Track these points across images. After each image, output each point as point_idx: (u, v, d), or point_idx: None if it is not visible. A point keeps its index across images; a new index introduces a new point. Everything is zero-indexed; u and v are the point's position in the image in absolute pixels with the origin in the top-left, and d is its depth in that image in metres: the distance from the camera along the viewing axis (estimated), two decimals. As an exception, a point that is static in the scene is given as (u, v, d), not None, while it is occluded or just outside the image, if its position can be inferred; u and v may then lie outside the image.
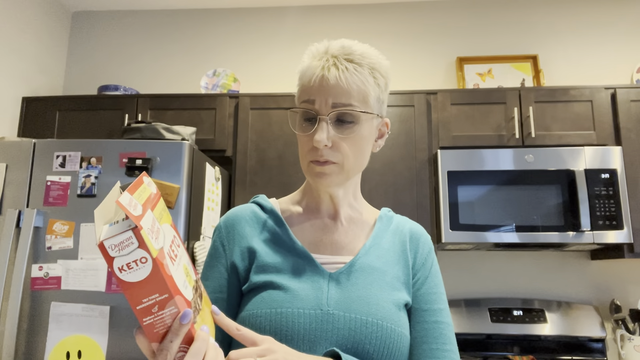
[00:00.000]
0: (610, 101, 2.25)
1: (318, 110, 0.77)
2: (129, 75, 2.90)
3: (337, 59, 0.77)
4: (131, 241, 0.51)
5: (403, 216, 0.93)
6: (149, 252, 0.52)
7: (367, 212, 0.90)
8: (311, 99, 0.77)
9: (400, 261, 0.84)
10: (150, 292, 0.52)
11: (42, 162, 1.84)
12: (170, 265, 0.55)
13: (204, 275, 0.84)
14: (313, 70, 0.77)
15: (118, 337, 1.68)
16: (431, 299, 0.82)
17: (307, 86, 0.78)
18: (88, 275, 1.72)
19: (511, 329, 2.26)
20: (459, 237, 2.10)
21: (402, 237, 0.87)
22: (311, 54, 0.81)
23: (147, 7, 2.96)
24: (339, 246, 0.83)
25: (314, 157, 0.78)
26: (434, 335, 0.79)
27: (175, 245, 0.60)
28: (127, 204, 0.51)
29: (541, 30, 2.74)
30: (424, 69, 2.76)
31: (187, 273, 0.60)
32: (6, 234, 1.74)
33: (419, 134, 2.29)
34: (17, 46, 2.53)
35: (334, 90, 0.76)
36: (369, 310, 0.74)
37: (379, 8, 2.85)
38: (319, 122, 0.77)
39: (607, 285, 2.41)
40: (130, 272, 0.51)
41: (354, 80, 0.76)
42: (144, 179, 0.61)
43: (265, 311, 0.74)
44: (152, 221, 0.55)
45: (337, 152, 0.78)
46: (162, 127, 2.03)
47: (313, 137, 0.77)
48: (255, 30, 2.90)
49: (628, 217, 2.07)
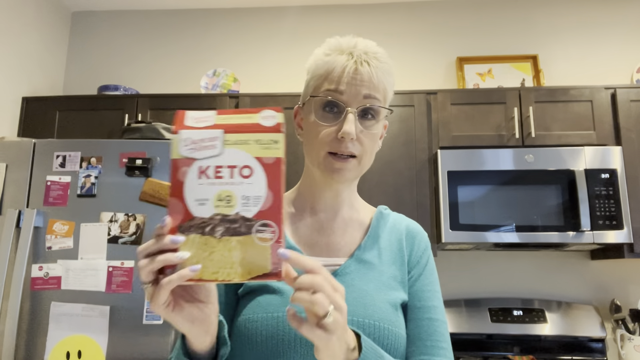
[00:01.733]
0: (610, 101, 2.25)
1: (346, 101, 0.77)
2: (129, 75, 2.90)
3: (368, 55, 0.79)
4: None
5: (400, 214, 0.92)
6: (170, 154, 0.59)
7: (364, 210, 0.90)
8: (340, 89, 0.77)
9: (397, 260, 0.83)
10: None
11: (42, 162, 1.84)
12: (192, 176, 0.59)
13: None
14: (343, 62, 0.77)
15: (118, 337, 1.68)
16: (425, 296, 0.82)
17: (334, 76, 0.77)
18: (88, 275, 1.72)
19: (511, 329, 2.26)
20: (459, 237, 2.10)
21: (399, 235, 0.86)
22: (332, 47, 0.80)
23: (147, 7, 2.96)
24: (334, 247, 0.82)
25: (335, 149, 0.77)
26: (428, 332, 0.79)
27: (234, 172, 0.60)
28: (189, 116, 0.61)
29: (541, 30, 2.74)
30: (424, 69, 2.76)
31: (227, 202, 0.59)
32: (6, 234, 1.74)
33: (419, 134, 2.29)
34: (17, 46, 2.53)
35: (367, 84, 0.77)
36: (366, 312, 0.74)
37: (378, 8, 2.85)
38: (347, 113, 0.76)
39: (607, 285, 2.41)
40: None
41: (382, 79, 0.79)
42: (267, 113, 0.62)
43: (261, 316, 0.73)
44: (204, 136, 0.60)
45: (360, 146, 0.78)
46: (162, 127, 2.03)
47: (338, 128, 0.76)
48: (255, 30, 2.90)
49: (628, 217, 2.07)
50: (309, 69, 0.84)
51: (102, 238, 1.75)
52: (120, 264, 1.72)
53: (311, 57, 0.84)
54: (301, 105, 0.85)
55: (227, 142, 0.60)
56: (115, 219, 1.76)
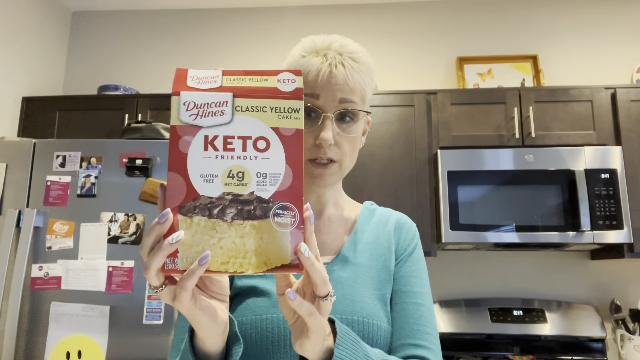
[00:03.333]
0: (610, 101, 2.25)
1: (322, 106, 0.75)
2: (129, 75, 2.90)
3: (342, 57, 0.76)
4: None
5: (387, 208, 0.91)
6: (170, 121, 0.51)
7: (350, 207, 0.89)
8: (315, 94, 0.75)
9: (385, 254, 0.82)
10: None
11: (42, 162, 1.84)
12: (196, 147, 0.51)
13: None
14: (318, 65, 0.75)
15: (118, 337, 1.68)
16: (411, 282, 0.81)
17: (309, 81, 0.75)
18: (88, 275, 1.72)
19: (511, 329, 2.25)
20: (459, 237, 2.10)
21: (387, 228, 0.85)
22: (307, 48, 0.78)
23: (147, 7, 2.96)
24: (321, 247, 0.81)
25: (314, 155, 0.75)
26: (414, 315, 0.77)
27: (248, 144, 0.52)
28: (191, 74, 0.52)
29: (541, 30, 2.74)
30: (424, 69, 2.76)
31: (239, 180, 0.51)
32: (6, 234, 1.74)
33: (419, 134, 2.29)
34: (17, 46, 2.53)
35: (341, 87, 0.75)
36: (354, 309, 0.74)
37: (378, 8, 2.85)
38: (324, 119, 0.75)
39: (607, 285, 2.41)
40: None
41: (358, 79, 0.76)
42: (286, 76, 0.54)
43: (250, 318, 0.72)
44: (210, 99, 0.52)
45: (338, 150, 0.77)
46: (162, 127, 2.03)
47: (315, 134, 0.75)
48: (255, 30, 2.90)
49: (628, 217, 2.07)
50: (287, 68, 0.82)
51: (102, 238, 1.75)
52: (120, 264, 1.72)
53: (287, 57, 0.82)
54: None
55: (239, 108, 0.52)
56: (115, 219, 1.76)
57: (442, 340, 2.29)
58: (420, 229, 2.19)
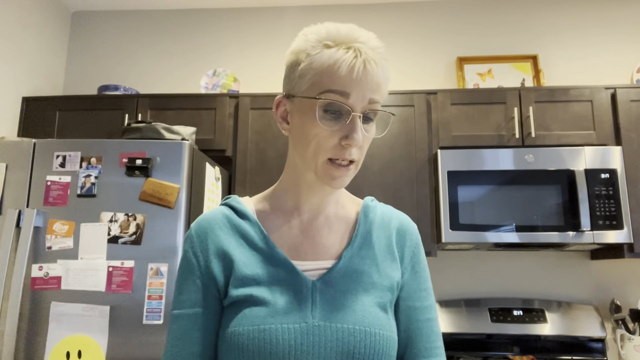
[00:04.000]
0: (610, 101, 2.25)
1: (353, 105, 0.71)
2: (129, 75, 2.90)
3: (375, 52, 0.72)
4: None
5: (387, 205, 0.87)
6: None
7: (350, 205, 0.85)
8: (346, 92, 0.70)
9: (387, 257, 0.80)
10: None
11: (42, 162, 1.84)
12: None
13: (178, 289, 0.78)
14: (350, 61, 0.70)
15: (118, 337, 1.68)
16: (422, 296, 0.80)
17: (340, 76, 0.70)
18: (88, 275, 1.72)
19: (511, 329, 2.26)
20: (459, 237, 2.10)
21: (388, 232, 0.82)
22: (334, 38, 0.72)
23: (147, 7, 2.96)
24: (321, 249, 0.78)
25: (338, 155, 0.72)
26: (427, 333, 0.78)
27: None
28: None
29: (541, 30, 2.74)
30: (424, 69, 2.76)
31: None
32: (6, 234, 1.74)
33: (419, 134, 2.29)
34: (17, 46, 2.53)
35: (372, 87, 0.71)
36: (356, 318, 0.71)
37: (379, 8, 2.85)
38: (353, 118, 0.71)
39: (607, 285, 2.41)
40: None
41: (385, 78, 0.73)
42: None
43: (247, 329, 0.70)
44: None
45: (359, 151, 0.74)
46: (162, 127, 2.03)
47: (343, 134, 0.71)
48: (255, 30, 2.90)
49: (628, 217, 2.07)
50: (299, 54, 0.75)
51: (102, 238, 1.75)
52: (120, 264, 1.72)
53: (302, 38, 0.76)
54: (288, 97, 0.77)
55: None
56: (115, 219, 1.76)
57: (442, 340, 2.29)
58: (420, 229, 2.19)
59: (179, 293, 0.77)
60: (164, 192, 1.76)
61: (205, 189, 2.02)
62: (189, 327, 0.75)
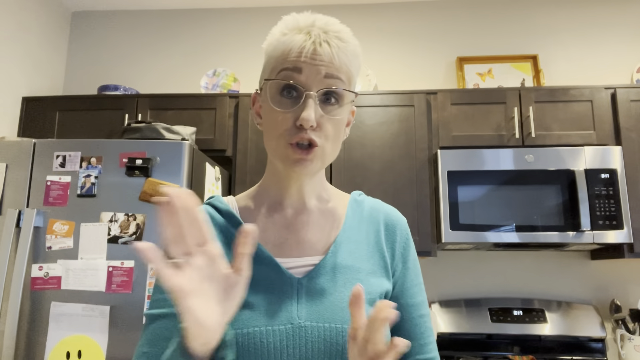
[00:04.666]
0: (610, 101, 2.25)
1: (305, 83, 0.69)
2: (129, 75, 2.90)
3: (328, 35, 0.71)
4: None
5: (376, 199, 0.85)
6: None
7: (336, 199, 0.83)
8: (298, 68, 0.69)
9: (375, 253, 0.78)
10: None
11: (42, 162, 1.84)
12: None
13: (158, 288, 0.74)
14: (300, 43, 0.70)
15: (118, 337, 1.68)
16: (415, 292, 0.79)
17: (291, 58, 0.70)
18: (88, 275, 1.72)
19: (511, 329, 2.26)
20: (459, 237, 2.10)
21: (376, 226, 0.80)
22: (290, 26, 0.73)
23: (147, 7, 2.96)
24: (306, 245, 0.76)
25: (294, 139, 0.69)
26: (421, 330, 0.78)
27: None
28: None
29: (541, 30, 2.74)
30: (424, 69, 2.76)
31: None
32: (6, 234, 1.74)
33: (419, 134, 2.29)
34: (17, 46, 2.53)
35: (326, 66, 0.69)
36: (344, 317, 0.70)
37: (379, 8, 2.85)
38: (306, 98, 0.69)
39: (607, 285, 2.41)
40: None
41: (344, 59, 0.71)
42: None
43: (230, 333, 0.68)
44: None
45: (321, 133, 0.70)
46: (162, 127, 2.03)
47: (296, 115, 0.69)
48: (255, 30, 2.90)
49: (628, 217, 2.07)
50: (266, 50, 0.76)
51: (102, 238, 1.75)
52: (120, 264, 1.72)
53: (268, 37, 0.76)
54: (259, 91, 0.79)
55: None
56: (115, 219, 1.76)
57: (442, 340, 2.29)
58: (421, 229, 2.19)
59: (159, 292, 0.74)
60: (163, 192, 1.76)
61: (205, 189, 2.02)
62: (171, 327, 0.71)
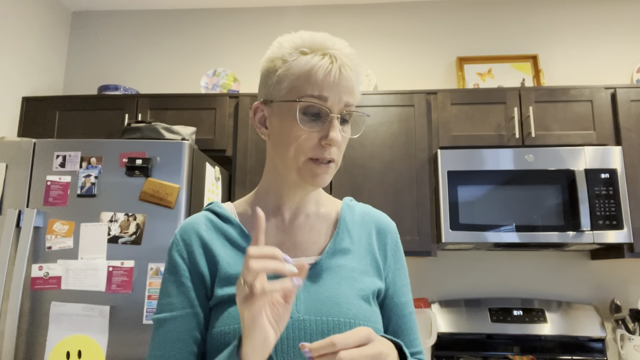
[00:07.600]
0: (610, 101, 2.25)
1: (331, 107, 0.76)
2: (129, 75, 2.90)
3: (349, 59, 0.78)
4: None
5: (366, 205, 0.92)
6: None
7: (330, 204, 0.89)
8: (324, 96, 0.75)
9: (367, 255, 0.83)
10: None
11: (42, 162, 1.84)
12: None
13: (165, 292, 0.79)
14: (327, 66, 0.75)
15: (118, 337, 1.68)
16: (405, 291, 0.86)
17: (317, 80, 0.75)
18: (88, 275, 1.72)
19: (511, 329, 2.26)
20: (459, 237, 2.10)
21: (368, 230, 0.86)
22: (309, 44, 0.77)
23: (147, 7, 2.96)
24: (302, 247, 0.82)
25: (318, 155, 0.76)
26: (409, 326, 0.84)
27: None
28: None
29: (541, 30, 2.74)
30: (424, 69, 2.76)
31: None
32: (6, 234, 1.74)
33: (419, 134, 2.29)
34: (17, 46, 2.53)
35: (346, 89, 0.77)
36: (340, 311, 0.74)
37: (379, 8, 2.85)
38: (331, 120, 0.76)
39: (607, 285, 2.41)
40: None
41: (358, 82, 0.79)
42: None
43: (233, 327, 0.71)
44: None
45: (337, 151, 0.79)
46: (162, 127, 2.03)
47: (322, 134, 0.76)
48: (255, 30, 2.90)
49: (628, 217, 2.07)
50: (275, 61, 0.80)
51: (102, 238, 1.75)
52: (120, 264, 1.72)
53: (277, 46, 0.81)
54: (266, 103, 0.83)
55: None
56: (115, 219, 1.76)
57: (442, 340, 2.29)
58: (421, 228, 2.19)
59: (167, 296, 0.78)
60: (164, 192, 1.76)
61: (205, 189, 2.02)
62: (182, 328, 0.75)
